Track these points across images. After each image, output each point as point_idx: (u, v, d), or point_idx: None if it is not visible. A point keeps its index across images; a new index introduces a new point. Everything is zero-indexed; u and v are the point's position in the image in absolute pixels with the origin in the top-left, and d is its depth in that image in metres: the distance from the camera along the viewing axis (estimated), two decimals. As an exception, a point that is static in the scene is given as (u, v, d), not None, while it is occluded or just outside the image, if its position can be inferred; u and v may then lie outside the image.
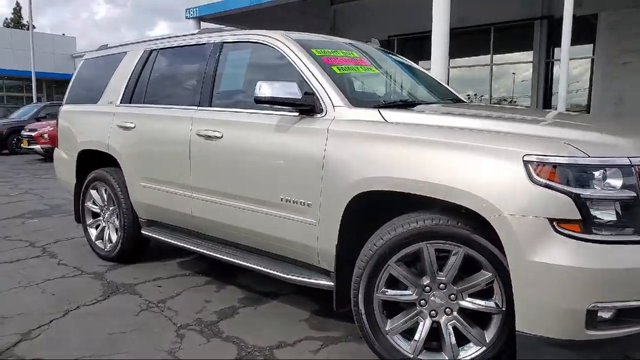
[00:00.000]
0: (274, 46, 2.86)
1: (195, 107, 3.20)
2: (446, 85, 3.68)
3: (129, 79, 3.80)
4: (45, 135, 12.29)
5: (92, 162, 4.12)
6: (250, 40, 3.04)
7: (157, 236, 3.55)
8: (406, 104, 2.73)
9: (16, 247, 4.42)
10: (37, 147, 12.38)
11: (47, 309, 3.02)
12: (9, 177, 9.56)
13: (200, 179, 3.11)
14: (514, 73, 13.83)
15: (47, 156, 12.67)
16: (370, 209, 2.42)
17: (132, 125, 3.59)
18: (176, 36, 3.68)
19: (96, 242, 4.08)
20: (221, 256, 3.05)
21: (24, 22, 49.29)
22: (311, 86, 2.61)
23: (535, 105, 12.60)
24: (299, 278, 2.62)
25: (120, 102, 3.81)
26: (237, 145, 2.87)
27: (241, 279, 3.56)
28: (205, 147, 3.05)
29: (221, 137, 2.95)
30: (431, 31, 6.81)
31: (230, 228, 3.02)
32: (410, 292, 2.19)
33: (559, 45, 12.53)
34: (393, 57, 3.58)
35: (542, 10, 12.29)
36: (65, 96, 4.51)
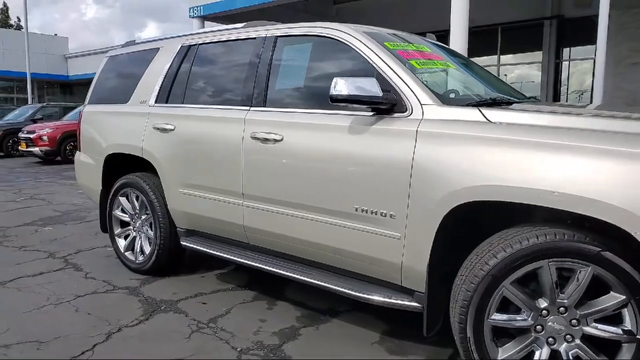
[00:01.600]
0: (342, 40, 2.59)
1: (248, 108, 2.92)
2: (507, 83, 3.42)
3: (165, 76, 3.50)
4: (45, 138, 11.89)
5: (121, 166, 3.83)
6: (312, 33, 2.76)
7: (198, 247, 3.26)
8: (495, 102, 2.47)
9: (36, 259, 4.09)
10: (36, 149, 11.96)
11: (87, 331, 2.72)
12: (9, 180, 9.17)
13: (254, 186, 2.83)
14: (505, 75, 13.64)
15: (46, 159, 12.29)
16: (469, 222, 2.16)
17: (172, 127, 3.29)
18: (218, 30, 3.39)
19: (125, 253, 3.77)
20: (279, 271, 2.77)
21: (12, 22, 48.50)
22: (392, 83, 2.35)
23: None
24: (379, 298, 2.35)
25: (155, 102, 3.51)
26: (301, 149, 2.60)
27: (290, 293, 3.28)
28: (261, 151, 2.77)
29: (281, 140, 2.68)
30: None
31: (289, 240, 2.74)
32: (525, 317, 1.93)
33: (568, 45, 12.50)
34: (451, 52, 3.32)
35: (552, 10, 12.16)
36: (88, 96, 4.20)
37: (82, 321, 2.86)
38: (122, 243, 3.82)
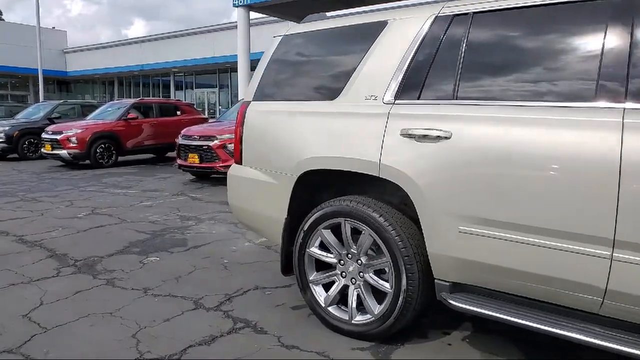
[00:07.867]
0: None
1: (621, 105, 1.89)
2: None
3: (410, 61, 2.44)
4: (73, 139, 10.65)
5: (314, 186, 2.78)
6: None
7: (487, 312, 2.19)
8: None
9: (184, 311, 2.99)
10: (63, 152, 10.69)
11: None
12: (48, 190, 7.95)
13: (644, 230, 1.79)
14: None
15: (73, 163, 11.04)
16: None
17: (444, 133, 2.23)
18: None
19: (328, 307, 2.71)
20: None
21: (2, 17, 46.64)
22: None
23: None
24: None
25: (396, 98, 2.45)
26: None
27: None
28: (676, 175, 1.73)
29: None
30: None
31: None
32: None
33: None
34: None
35: None
36: (252, 90, 3.10)
37: None
38: (322, 293, 2.75)
